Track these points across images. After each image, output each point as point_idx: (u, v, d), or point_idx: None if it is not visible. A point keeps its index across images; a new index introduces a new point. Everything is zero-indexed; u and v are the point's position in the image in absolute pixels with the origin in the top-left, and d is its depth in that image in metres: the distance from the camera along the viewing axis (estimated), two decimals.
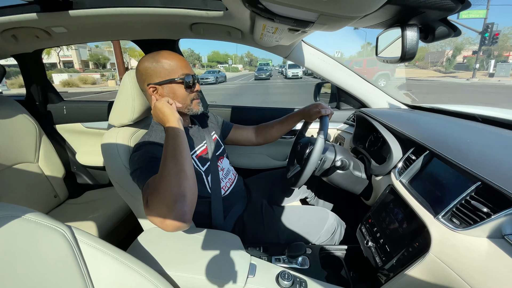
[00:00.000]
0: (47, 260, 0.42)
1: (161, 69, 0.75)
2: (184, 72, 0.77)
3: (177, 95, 0.77)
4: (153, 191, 0.57)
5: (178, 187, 0.55)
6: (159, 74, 0.75)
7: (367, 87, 1.30)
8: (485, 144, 0.66)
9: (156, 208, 0.55)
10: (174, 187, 0.55)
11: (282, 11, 0.56)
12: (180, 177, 0.56)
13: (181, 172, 0.57)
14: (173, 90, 0.77)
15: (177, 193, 0.54)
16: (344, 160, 0.91)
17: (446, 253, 0.50)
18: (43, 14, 0.96)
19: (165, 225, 0.54)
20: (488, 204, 0.47)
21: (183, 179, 0.57)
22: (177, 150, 0.61)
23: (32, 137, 1.32)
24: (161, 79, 0.76)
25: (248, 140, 1.12)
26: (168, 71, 0.75)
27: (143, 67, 0.77)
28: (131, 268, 0.51)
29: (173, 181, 0.56)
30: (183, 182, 0.56)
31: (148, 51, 1.36)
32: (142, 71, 0.77)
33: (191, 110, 0.82)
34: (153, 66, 0.75)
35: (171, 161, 0.59)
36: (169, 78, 0.75)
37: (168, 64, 0.76)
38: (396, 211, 0.69)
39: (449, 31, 0.65)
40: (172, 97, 0.77)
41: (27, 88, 1.53)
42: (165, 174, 0.57)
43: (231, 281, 0.60)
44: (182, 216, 0.54)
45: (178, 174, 0.57)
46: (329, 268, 0.80)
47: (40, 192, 1.30)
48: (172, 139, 0.63)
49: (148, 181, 0.62)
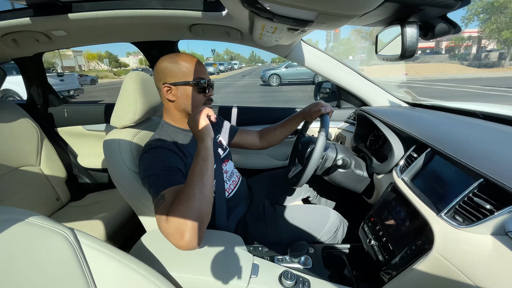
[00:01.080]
0: (50, 263, 0.42)
1: (178, 70, 0.76)
2: (199, 76, 0.78)
3: (189, 97, 0.78)
4: (174, 210, 0.58)
5: (199, 212, 0.58)
6: (176, 75, 0.77)
7: (367, 85, 1.30)
8: (487, 140, 0.66)
9: (175, 228, 0.57)
10: (196, 211, 0.58)
11: (281, 10, 0.56)
12: (203, 202, 0.59)
13: (204, 197, 0.60)
14: (187, 92, 0.78)
15: (198, 218, 0.57)
16: (346, 159, 0.91)
17: (449, 251, 0.50)
18: (43, 17, 0.96)
19: (180, 245, 0.57)
20: (491, 201, 0.46)
21: (205, 205, 0.60)
22: (205, 175, 0.62)
23: (34, 140, 1.32)
24: (177, 80, 0.77)
25: (253, 144, 1.14)
26: (184, 73, 0.77)
27: (161, 66, 0.78)
28: (134, 270, 0.51)
29: (196, 205, 0.58)
30: (204, 208, 0.59)
31: (148, 53, 1.38)
32: (159, 70, 0.78)
33: None
34: (171, 66, 0.77)
35: (197, 184, 0.60)
36: (184, 80, 0.77)
37: (185, 66, 0.77)
38: (398, 209, 0.69)
39: (449, 28, 0.65)
40: (184, 98, 0.78)
41: (28, 91, 1.54)
42: (190, 196, 0.59)
43: (234, 282, 0.60)
44: (199, 239, 0.57)
45: (201, 200, 0.59)
46: (332, 267, 0.80)
47: (42, 195, 1.30)
48: (203, 160, 0.64)
49: (164, 193, 0.63)
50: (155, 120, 1.02)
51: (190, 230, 0.56)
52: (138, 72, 0.87)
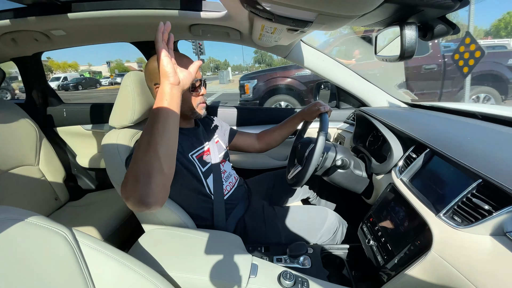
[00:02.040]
0: (48, 263, 0.42)
1: None
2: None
3: (182, 97, 0.77)
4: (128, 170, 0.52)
5: (144, 165, 0.49)
6: None
7: (366, 86, 1.30)
8: (486, 141, 0.66)
9: (123, 185, 0.50)
10: (140, 164, 0.49)
11: (280, 11, 0.56)
12: (149, 153, 0.49)
13: (151, 147, 0.50)
14: None
15: (141, 172, 0.49)
16: (345, 159, 0.91)
17: (448, 251, 0.50)
18: (42, 17, 0.96)
19: (128, 204, 0.50)
20: (490, 201, 0.46)
21: (152, 156, 0.49)
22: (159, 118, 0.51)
23: (33, 140, 1.32)
24: None
25: (251, 147, 1.13)
26: None
27: (152, 66, 0.77)
28: (133, 270, 0.51)
29: (140, 156, 0.50)
30: (150, 160, 0.49)
31: (147, 53, 1.37)
32: (150, 70, 0.77)
33: (195, 114, 0.83)
34: None
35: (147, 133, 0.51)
36: None
37: None
38: (397, 209, 0.69)
39: (447, 29, 0.65)
40: None
41: (26, 91, 1.53)
42: (137, 146, 0.51)
43: (233, 282, 0.60)
44: (144, 197, 0.48)
45: (147, 150, 0.50)
46: (330, 268, 0.80)
47: (41, 194, 1.30)
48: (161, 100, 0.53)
49: None
50: None
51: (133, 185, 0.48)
52: (137, 72, 0.87)
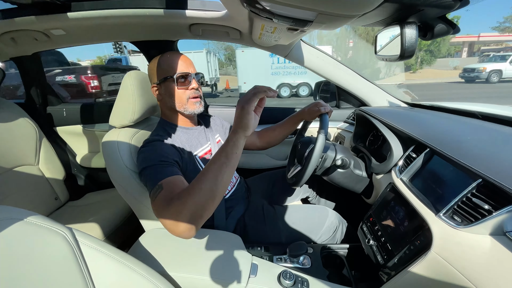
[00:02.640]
0: (48, 262, 0.42)
1: (160, 68, 0.78)
2: (181, 70, 0.77)
3: (172, 94, 0.79)
4: (177, 198, 0.55)
5: (205, 207, 0.53)
6: (159, 73, 0.78)
7: (366, 85, 1.30)
8: (486, 141, 0.66)
9: (174, 216, 0.54)
10: (202, 205, 0.53)
11: (280, 10, 0.56)
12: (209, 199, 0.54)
13: (212, 195, 0.54)
14: (169, 88, 0.79)
15: (202, 212, 0.53)
16: (345, 159, 0.91)
17: (447, 251, 0.50)
18: (42, 16, 0.96)
19: (176, 234, 0.54)
20: (489, 201, 0.46)
21: (214, 201, 0.54)
22: (222, 173, 0.54)
23: (32, 140, 1.32)
24: (159, 78, 0.78)
25: (252, 144, 1.12)
26: (165, 70, 0.77)
27: (149, 67, 0.80)
28: (133, 270, 0.51)
29: (201, 200, 0.53)
30: (211, 204, 0.54)
31: (147, 53, 1.37)
32: (148, 72, 0.80)
33: (186, 110, 0.81)
34: (155, 66, 0.78)
35: (209, 180, 0.54)
36: (164, 77, 0.77)
37: (166, 63, 0.78)
38: (397, 209, 0.69)
39: (448, 29, 0.65)
40: (168, 95, 0.79)
41: (26, 90, 1.53)
42: (197, 190, 0.54)
43: (233, 281, 0.60)
44: (195, 230, 0.55)
45: (208, 197, 0.54)
46: (330, 267, 0.80)
47: (41, 194, 1.30)
48: (225, 156, 0.55)
49: (162, 183, 0.61)
50: (154, 120, 1.02)
51: (189, 222, 0.53)
52: (138, 72, 0.87)
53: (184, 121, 0.87)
